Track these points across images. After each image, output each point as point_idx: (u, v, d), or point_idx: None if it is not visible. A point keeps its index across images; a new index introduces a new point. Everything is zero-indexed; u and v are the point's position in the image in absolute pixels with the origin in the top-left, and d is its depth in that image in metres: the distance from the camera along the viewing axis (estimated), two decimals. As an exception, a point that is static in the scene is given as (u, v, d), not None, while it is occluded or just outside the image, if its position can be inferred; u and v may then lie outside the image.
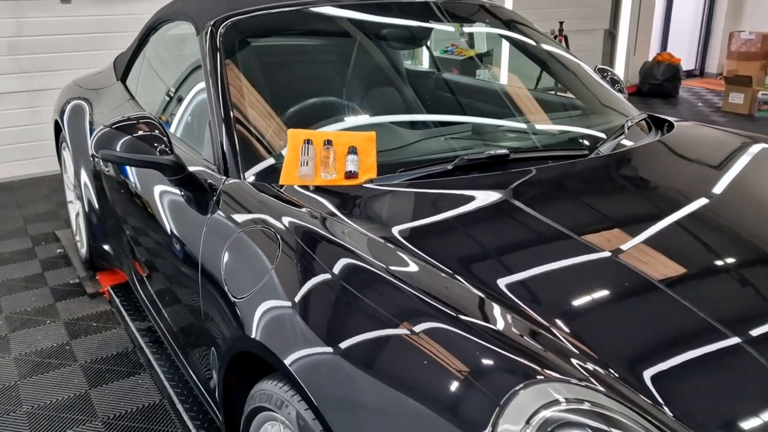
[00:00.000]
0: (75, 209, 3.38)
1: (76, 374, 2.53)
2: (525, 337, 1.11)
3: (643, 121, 2.28)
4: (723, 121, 6.92)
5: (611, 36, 7.96)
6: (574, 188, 1.74)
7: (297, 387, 1.19)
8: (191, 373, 1.98)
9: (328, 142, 1.69)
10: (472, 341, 1.07)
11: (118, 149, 1.74)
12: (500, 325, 1.13)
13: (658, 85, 8.08)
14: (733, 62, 8.22)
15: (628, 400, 1.01)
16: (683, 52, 9.21)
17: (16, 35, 4.68)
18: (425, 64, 3.15)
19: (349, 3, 2.38)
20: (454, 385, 1.01)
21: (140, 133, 1.76)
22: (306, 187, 1.65)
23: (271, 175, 1.74)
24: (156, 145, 1.75)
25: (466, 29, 3.08)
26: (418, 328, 1.10)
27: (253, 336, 1.31)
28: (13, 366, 2.59)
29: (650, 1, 8.42)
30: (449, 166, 1.70)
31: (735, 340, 1.17)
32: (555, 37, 6.51)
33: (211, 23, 2.11)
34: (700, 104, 7.80)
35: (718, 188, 1.79)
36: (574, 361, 1.07)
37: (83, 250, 3.30)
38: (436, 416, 0.99)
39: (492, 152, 1.76)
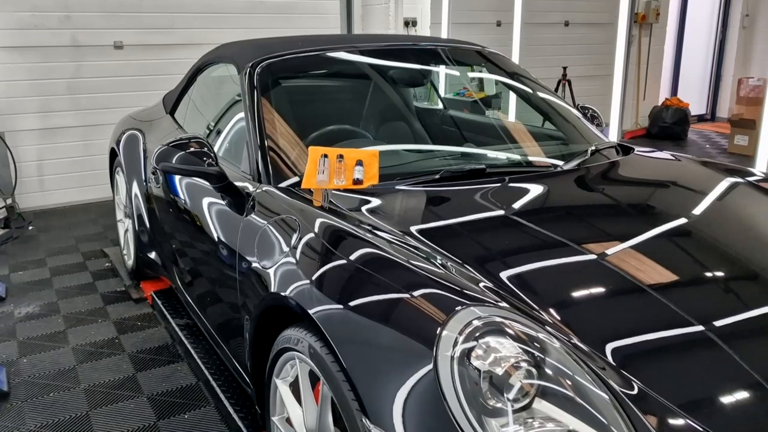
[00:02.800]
0: (124, 226, 3.85)
1: (124, 361, 2.95)
2: (484, 291, 1.48)
3: (613, 149, 2.67)
4: (728, 161, 7.24)
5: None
6: (536, 192, 2.15)
7: (311, 328, 1.59)
8: (228, 354, 2.37)
9: (340, 157, 2.11)
10: (440, 294, 1.46)
11: (174, 162, 2.20)
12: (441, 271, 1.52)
13: (666, 128, 8.44)
14: (742, 107, 8.54)
15: (561, 336, 1.37)
16: (695, 97, 9.56)
17: (75, 77, 5.28)
18: (438, 104, 3.61)
19: (364, 48, 2.85)
20: (420, 318, 1.39)
21: (192, 149, 2.22)
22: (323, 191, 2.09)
23: (294, 183, 2.17)
24: (204, 159, 2.20)
25: (468, 74, 3.53)
26: (407, 288, 1.48)
27: (285, 294, 1.71)
28: (71, 354, 3.02)
29: (659, 48, 8.86)
30: (437, 176, 2.12)
31: (675, 308, 1.49)
32: (559, 82, 6.95)
33: (250, 64, 2.59)
34: (707, 146, 8.13)
35: (653, 194, 2.22)
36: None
37: (130, 262, 3.76)
38: (405, 337, 1.38)
39: (472, 166, 2.19)
